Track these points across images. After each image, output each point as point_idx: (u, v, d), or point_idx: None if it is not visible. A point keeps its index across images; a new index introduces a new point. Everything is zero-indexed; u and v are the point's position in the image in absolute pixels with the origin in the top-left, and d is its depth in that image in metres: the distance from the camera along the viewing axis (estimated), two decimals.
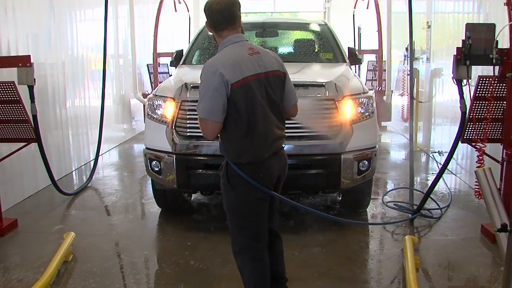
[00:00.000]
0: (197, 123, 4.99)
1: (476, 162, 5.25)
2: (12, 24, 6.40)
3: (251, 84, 3.19)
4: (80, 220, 6.03)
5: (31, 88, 5.56)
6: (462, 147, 6.84)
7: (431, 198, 6.05)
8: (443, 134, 8.56)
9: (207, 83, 3.15)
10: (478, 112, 5.16)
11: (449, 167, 7.80)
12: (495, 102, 5.10)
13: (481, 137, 5.20)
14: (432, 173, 7.79)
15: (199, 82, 3.42)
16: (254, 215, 3.42)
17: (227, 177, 3.37)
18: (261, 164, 3.32)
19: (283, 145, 3.56)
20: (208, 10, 3.33)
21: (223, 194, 3.49)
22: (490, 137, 5.26)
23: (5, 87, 5.39)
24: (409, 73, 9.77)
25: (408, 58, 10.15)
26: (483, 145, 5.22)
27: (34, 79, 5.47)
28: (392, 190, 6.84)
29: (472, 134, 5.25)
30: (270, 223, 3.58)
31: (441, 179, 6.86)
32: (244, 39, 3.40)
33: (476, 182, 5.32)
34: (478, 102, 5.12)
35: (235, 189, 3.35)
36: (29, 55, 5.46)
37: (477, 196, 5.39)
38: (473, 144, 5.26)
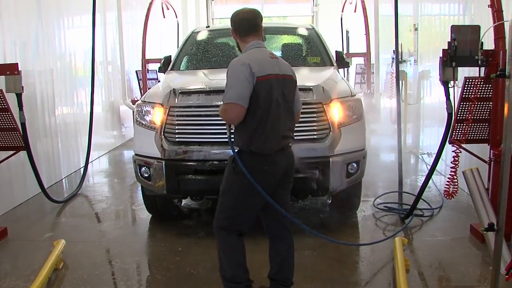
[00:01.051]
0: (185, 129, 5.09)
1: (451, 162, 5.30)
2: (0, 32, 6.39)
3: (271, 82, 3.57)
4: (70, 227, 6.02)
5: (19, 96, 5.56)
6: (450, 148, 6.88)
7: (422, 199, 6.11)
8: (431, 136, 8.60)
9: (237, 73, 3.50)
10: (465, 113, 5.20)
11: (438, 168, 7.86)
12: (482, 103, 5.14)
13: (461, 137, 5.26)
14: (422, 175, 7.84)
15: (187, 88, 3.58)
16: (245, 203, 3.71)
17: (233, 162, 3.65)
18: (268, 156, 3.62)
19: (290, 144, 3.82)
20: (236, 18, 3.83)
21: (225, 176, 3.77)
22: (477, 137, 5.30)
23: None
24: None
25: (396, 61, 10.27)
26: (458, 148, 5.27)
27: (22, 87, 5.47)
28: (383, 194, 6.82)
29: (460, 135, 5.30)
30: (278, 217, 3.85)
31: (430, 181, 6.93)
32: (265, 46, 3.82)
33: (446, 183, 5.41)
34: (464, 103, 5.16)
35: (237, 176, 3.62)
36: (17, 63, 5.47)
37: (445, 195, 5.46)
38: (455, 144, 5.31)
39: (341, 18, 13.78)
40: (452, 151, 5.34)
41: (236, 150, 3.69)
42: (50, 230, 5.89)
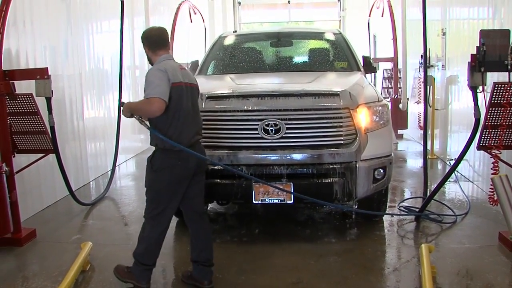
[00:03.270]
0: (212, 133, 5.09)
1: (491, 169, 5.22)
2: (30, 37, 6.50)
3: (182, 87, 4.17)
4: (97, 230, 6.08)
5: (48, 100, 5.63)
6: (479, 154, 6.81)
7: (445, 205, 6.07)
8: (459, 142, 8.50)
9: (160, 76, 4.04)
10: (494, 119, 5.13)
11: (466, 174, 7.78)
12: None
13: (497, 143, 5.18)
14: (449, 181, 7.74)
15: (215, 92, 4.27)
16: (167, 193, 4.20)
17: (151, 160, 4.23)
18: (180, 152, 4.11)
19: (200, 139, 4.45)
20: (148, 35, 4.36)
21: (146, 173, 4.30)
22: (506, 143, 5.23)
23: (23, 99, 5.48)
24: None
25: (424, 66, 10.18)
26: (499, 152, 5.20)
27: (52, 91, 5.54)
28: (407, 199, 6.80)
29: (488, 141, 5.23)
30: (193, 206, 4.43)
31: (459, 187, 6.87)
32: (173, 58, 4.39)
33: (491, 188, 5.32)
34: (493, 108, 5.10)
35: (156, 172, 4.20)
36: (47, 67, 5.53)
37: (491, 203, 5.38)
38: (489, 151, 5.25)
39: (368, 23, 13.73)
40: (491, 157, 5.27)
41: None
42: (77, 232, 5.96)
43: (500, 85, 5.01)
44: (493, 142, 5.22)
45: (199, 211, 4.50)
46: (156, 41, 4.31)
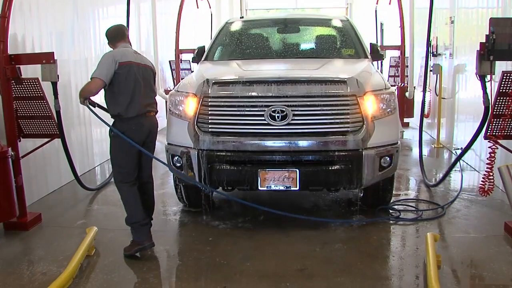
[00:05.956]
0: (218, 119, 5.09)
1: (487, 159, 5.20)
2: (37, 22, 6.49)
3: (132, 66, 4.78)
4: (102, 215, 6.10)
5: (54, 85, 5.63)
6: (485, 143, 6.78)
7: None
8: (466, 131, 8.47)
9: (105, 59, 4.71)
10: (502, 108, 5.10)
11: (472, 164, 7.76)
12: None
13: (498, 133, 5.16)
14: (454, 170, 7.71)
15: (221, 78, 4.68)
16: (126, 154, 4.81)
17: (111, 130, 4.82)
18: (132, 119, 4.76)
19: (154, 112, 5.01)
20: (107, 32, 5.04)
21: (110, 144, 4.93)
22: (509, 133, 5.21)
23: (29, 83, 5.47)
24: (431, 68, 9.73)
25: (431, 54, 10.11)
26: (495, 144, 5.17)
27: (58, 75, 5.53)
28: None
29: (497, 130, 5.20)
30: (140, 172, 5.00)
31: (462, 177, 6.83)
32: (130, 47, 5.06)
33: (482, 179, 5.32)
34: (502, 98, 5.06)
35: (113, 138, 4.83)
36: (53, 52, 5.53)
37: (480, 192, 5.38)
38: (491, 140, 5.22)
39: (376, 10, 13.65)
40: (488, 147, 5.24)
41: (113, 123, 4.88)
42: (82, 217, 5.98)
43: (509, 74, 4.97)
44: (502, 132, 5.18)
45: (144, 178, 5.11)
46: (114, 36, 5.00)
